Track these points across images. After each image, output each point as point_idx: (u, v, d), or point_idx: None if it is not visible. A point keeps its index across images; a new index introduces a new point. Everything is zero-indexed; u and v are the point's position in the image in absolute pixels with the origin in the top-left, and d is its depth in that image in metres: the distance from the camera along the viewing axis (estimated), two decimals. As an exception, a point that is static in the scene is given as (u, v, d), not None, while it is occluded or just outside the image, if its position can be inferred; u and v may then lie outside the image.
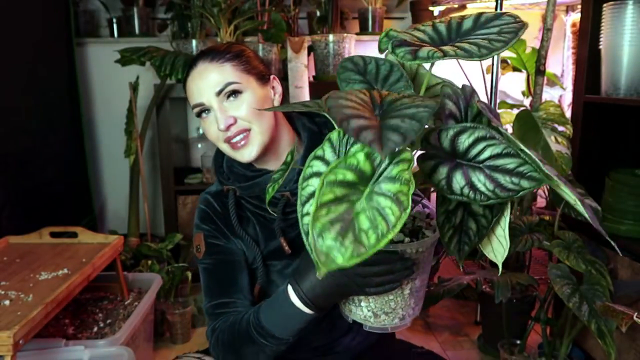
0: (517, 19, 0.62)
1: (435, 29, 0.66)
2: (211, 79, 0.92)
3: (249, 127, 0.93)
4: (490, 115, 0.62)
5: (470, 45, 0.59)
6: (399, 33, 0.64)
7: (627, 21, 1.52)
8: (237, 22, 2.30)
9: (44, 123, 2.22)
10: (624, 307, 1.23)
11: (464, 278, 1.67)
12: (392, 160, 0.55)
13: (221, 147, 0.96)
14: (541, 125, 1.54)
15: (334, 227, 0.51)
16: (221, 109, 0.92)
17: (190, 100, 0.95)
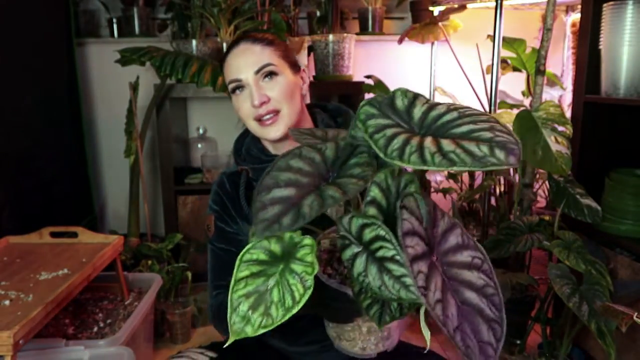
0: (508, 130, 0.58)
1: (409, 114, 0.63)
2: (252, 58, 1.00)
3: (279, 107, 1.00)
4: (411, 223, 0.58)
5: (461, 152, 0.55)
6: (374, 112, 0.62)
7: (627, 21, 1.52)
8: (237, 22, 2.30)
9: (44, 123, 2.22)
10: (624, 307, 1.23)
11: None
12: (297, 243, 0.62)
13: (250, 124, 1.03)
14: (541, 125, 1.54)
15: (247, 301, 0.60)
16: (257, 87, 0.99)
17: (228, 76, 1.03)
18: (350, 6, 2.78)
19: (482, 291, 0.57)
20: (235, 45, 1.03)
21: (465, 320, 0.55)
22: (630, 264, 1.54)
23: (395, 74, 2.83)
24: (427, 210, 0.60)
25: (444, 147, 0.55)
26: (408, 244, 0.55)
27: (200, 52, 2.23)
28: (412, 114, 0.62)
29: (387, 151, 0.56)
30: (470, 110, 0.61)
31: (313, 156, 0.67)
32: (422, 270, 0.55)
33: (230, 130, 2.78)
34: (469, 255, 0.58)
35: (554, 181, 1.64)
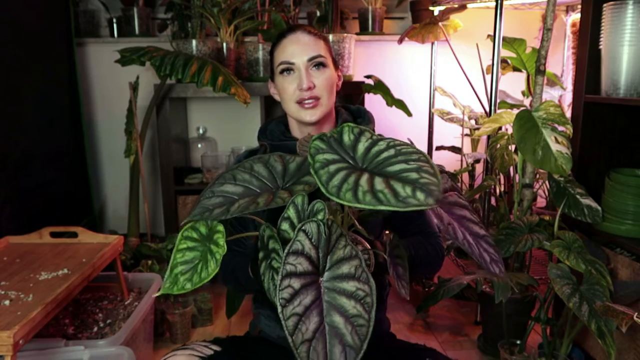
0: (433, 171, 0.66)
1: (354, 149, 0.72)
2: (306, 46, 1.11)
3: (320, 95, 1.11)
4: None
5: (396, 186, 0.64)
6: (323, 146, 0.71)
7: (627, 21, 1.52)
8: (237, 22, 2.30)
9: (44, 123, 2.22)
10: (624, 307, 1.23)
11: (464, 278, 1.67)
12: (214, 229, 0.75)
13: (289, 105, 1.13)
14: (541, 125, 1.54)
15: (181, 267, 0.75)
16: (307, 73, 1.11)
17: (280, 58, 1.13)
18: (350, 6, 2.78)
19: (352, 320, 0.63)
20: (292, 32, 1.13)
21: (321, 338, 0.62)
22: (630, 264, 1.53)
23: (395, 74, 2.83)
24: (325, 239, 0.67)
25: (376, 185, 0.63)
26: (289, 262, 0.65)
27: (200, 52, 2.23)
28: (356, 149, 0.71)
29: (328, 187, 0.64)
30: (405, 149, 0.70)
31: (276, 166, 0.80)
32: (293, 286, 0.64)
33: (230, 130, 2.79)
34: (354, 285, 0.65)
35: (554, 181, 1.64)
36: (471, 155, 2.49)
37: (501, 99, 2.25)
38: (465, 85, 2.50)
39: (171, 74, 1.94)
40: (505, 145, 1.82)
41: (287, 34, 1.14)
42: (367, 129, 0.75)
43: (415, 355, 1.10)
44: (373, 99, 2.51)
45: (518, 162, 1.76)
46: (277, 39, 1.16)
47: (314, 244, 0.67)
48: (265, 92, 2.38)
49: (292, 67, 1.12)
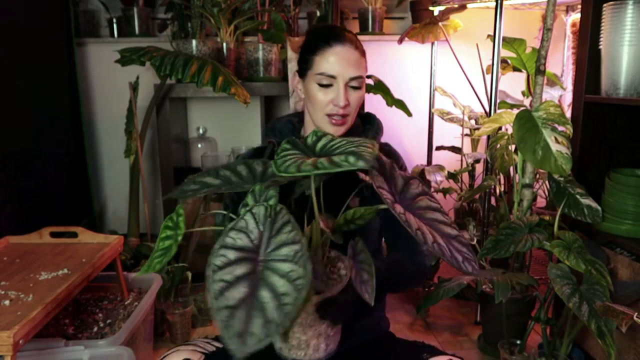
0: (371, 146, 0.77)
1: (314, 147, 0.83)
2: (352, 64, 1.08)
3: (349, 113, 1.10)
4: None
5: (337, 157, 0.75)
6: (289, 147, 0.81)
7: (627, 21, 1.52)
8: (237, 22, 2.30)
9: (44, 123, 2.22)
10: (624, 307, 1.23)
11: (464, 278, 1.67)
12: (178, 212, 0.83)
13: (317, 115, 1.11)
14: (541, 125, 1.54)
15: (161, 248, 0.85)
16: (345, 90, 1.08)
17: (321, 68, 1.08)
18: (350, 6, 2.78)
19: (280, 297, 0.64)
20: (339, 43, 1.08)
21: (245, 307, 0.64)
22: (630, 264, 1.53)
23: (395, 74, 2.83)
24: (270, 221, 0.72)
25: (318, 161, 0.73)
26: (229, 235, 0.70)
27: (200, 52, 2.23)
28: (316, 147, 0.83)
29: (279, 167, 0.74)
30: (357, 141, 0.79)
31: (257, 168, 0.88)
32: (227, 256, 0.68)
33: (230, 130, 2.79)
34: (289, 267, 0.67)
35: (554, 181, 1.64)
36: (471, 155, 2.49)
37: (501, 99, 2.25)
38: (465, 85, 2.50)
39: (171, 74, 1.94)
40: (505, 145, 1.83)
41: (334, 43, 1.08)
42: (329, 134, 0.83)
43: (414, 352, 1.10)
44: (373, 99, 2.51)
45: (518, 162, 1.76)
46: (320, 42, 1.09)
47: (259, 226, 0.71)
48: (265, 92, 2.38)
49: (332, 82, 1.08)
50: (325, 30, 1.13)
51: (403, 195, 0.83)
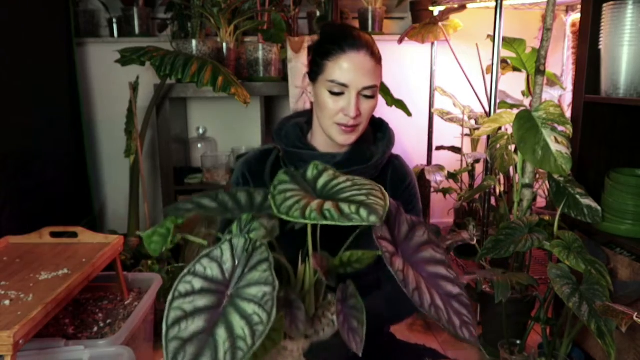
0: (382, 196, 0.72)
1: (315, 183, 0.78)
2: (366, 73, 1.03)
3: (361, 122, 1.06)
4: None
5: (344, 205, 0.70)
6: (287, 179, 0.76)
7: (627, 21, 1.52)
8: (237, 22, 2.30)
9: (44, 123, 2.22)
10: (624, 307, 1.23)
11: (464, 278, 1.67)
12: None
13: (326, 122, 1.06)
14: (541, 125, 1.54)
15: None
16: (357, 99, 1.03)
17: (332, 75, 1.02)
18: (350, 6, 2.78)
19: (235, 340, 0.61)
20: (355, 50, 1.02)
21: (196, 343, 0.61)
22: (630, 264, 1.53)
23: (395, 74, 2.83)
24: (246, 255, 0.68)
25: (325, 206, 0.68)
26: (201, 263, 0.67)
27: (200, 52, 2.23)
28: (317, 183, 0.77)
29: (280, 208, 0.68)
30: (361, 181, 0.75)
31: (257, 197, 0.82)
32: (192, 284, 0.65)
33: (230, 130, 2.79)
34: (253, 310, 0.63)
35: (554, 181, 1.64)
36: (471, 155, 2.49)
37: (501, 99, 2.25)
38: (465, 85, 2.50)
39: (171, 74, 1.94)
40: (505, 145, 1.83)
41: (348, 49, 1.02)
42: (330, 168, 0.78)
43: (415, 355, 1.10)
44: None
45: (518, 162, 1.76)
46: (333, 46, 1.03)
47: (234, 258, 0.67)
48: (265, 92, 2.38)
49: (344, 90, 1.03)
50: (340, 33, 1.06)
51: (407, 242, 0.76)
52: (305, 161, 1.05)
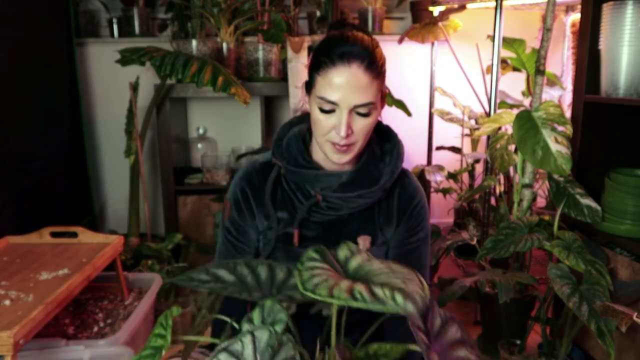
0: (426, 286, 0.65)
1: (347, 264, 0.71)
2: (358, 90, 0.91)
3: (356, 141, 0.96)
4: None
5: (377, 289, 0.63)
6: (316, 256, 0.69)
7: (626, 21, 1.52)
8: (237, 22, 2.30)
9: (44, 123, 2.22)
10: (624, 307, 1.23)
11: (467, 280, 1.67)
12: None
13: (319, 139, 0.98)
14: (541, 125, 1.54)
15: None
16: (349, 119, 0.93)
17: (321, 91, 0.93)
18: (350, 6, 2.78)
19: None
20: (346, 63, 0.91)
21: None
22: (630, 264, 1.54)
23: (395, 74, 2.83)
24: (270, 353, 0.63)
25: (355, 287, 0.62)
26: (218, 358, 0.62)
27: (200, 52, 2.23)
28: (348, 265, 0.71)
29: (306, 285, 0.62)
30: (397, 267, 0.68)
31: (278, 273, 0.76)
32: None
33: (230, 130, 2.79)
34: None
35: (554, 181, 1.64)
36: (471, 155, 2.49)
37: (501, 99, 2.25)
38: (465, 85, 2.50)
39: (171, 74, 1.94)
40: (505, 145, 1.83)
41: (339, 63, 0.91)
42: (365, 252, 0.72)
43: None
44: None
45: (518, 162, 1.76)
46: (324, 58, 0.92)
47: (256, 354, 0.61)
48: (265, 92, 2.38)
49: (335, 108, 0.93)
50: (335, 42, 0.94)
51: (439, 338, 0.69)
52: (309, 181, 1.00)
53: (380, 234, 1.04)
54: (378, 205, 1.04)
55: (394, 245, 1.05)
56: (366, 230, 1.03)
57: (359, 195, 0.98)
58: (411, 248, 1.06)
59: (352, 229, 1.03)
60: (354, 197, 0.98)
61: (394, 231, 1.05)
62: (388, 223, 1.04)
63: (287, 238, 1.03)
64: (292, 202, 1.04)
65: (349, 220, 1.03)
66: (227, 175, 2.46)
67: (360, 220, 1.03)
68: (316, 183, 1.00)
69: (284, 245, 1.04)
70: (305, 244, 1.01)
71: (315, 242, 0.99)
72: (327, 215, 1.02)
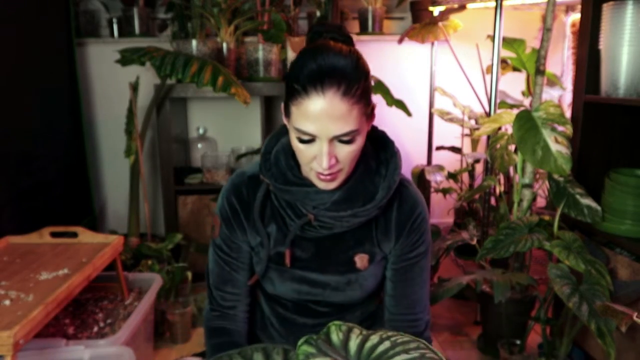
0: (438, 357, 0.61)
1: (346, 349, 0.66)
2: (338, 120, 0.82)
3: (342, 168, 0.89)
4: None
5: None
6: (313, 351, 0.64)
7: (626, 21, 1.52)
8: (237, 22, 2.30)
9: (44, 123, 2.22)
10: (624, 307, 1.23)
11: (464, 278, 1.67)
12: None
13: (304, 168, 0.91)
14: (541, 125, 1.54)
15: None
16: (330, 150, 0.85)
17: (298, 124, 0.84)
18: (350, 6, 2.78)
19: None
20: (320, 93, 0.81)
21: None
22: (630, 264, 1.54)
23: (395, 74, 2.83)
24: None
25: None
26: None
27: (200, 52, 2.23)
28: (348, 348, 0.65)
29: None
30: (401, 339, 0.64)
31: (275, 357, 0.72)
32: None
33: (230, 130, 2.79)
34: None
35: (554, 181, 1.64)
36: (471, 155, 2.49)
37: (501, 99, 2.25)
38: (465, 85, 2.50)
39: (171, 74, 1.94)
40: (505, 145, 1.83)
41: (312, 92, 0.81)
42: (355, 326, 0.67)
43: None
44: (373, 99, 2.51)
45: (518, 162, 1.76)
46: (297, 85, 0.83)
47: None
48: (265, 92, 2.38)
49: (314, 138, 0.85)
50: (306, 63, 0.83)
51: None
52: (300, 200, 0.93)
53: (378, 250, 0.99)
54: (375, 220, 0.98)
55: (393, 261, 1.00)
56: (363, 246, 0.98)
57: (353, 215, 0.92)
58: (411, 263, 1.00)
59: (348, 246, 0.98)
60: (348, 216, 0.92)
61: (393, 246, 0.99)
62: (386, 238, 0.99)
63: (280, 258, 0.99)
64: (283, 219, 0.99)
65: (344, 236, 0.98)
66: (227, 175, 2.46)
67: (356, 237, 0.98)
68: (307, 201, 0.93)
69: (276, 265, 1.00)
70: (298, 264, 0.98)
71: (309, 262, 0.98)
72: (320, 232, 0.97)
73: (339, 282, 0.98)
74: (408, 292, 1.01)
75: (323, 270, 0.98)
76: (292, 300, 1.03)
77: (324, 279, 0.98)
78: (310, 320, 1.04)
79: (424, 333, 1.01)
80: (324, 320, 0.94)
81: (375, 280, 1.01)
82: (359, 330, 0.67)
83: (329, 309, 1.03)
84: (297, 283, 0.99)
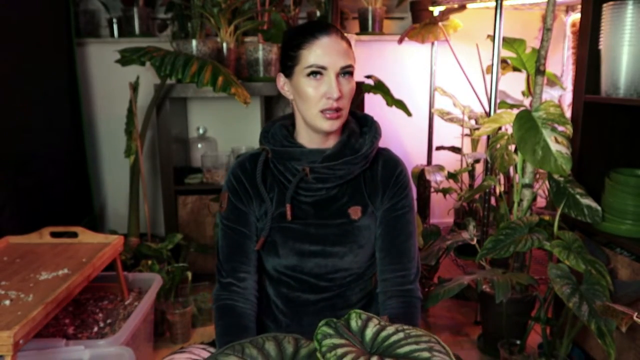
0: (446, 351, 0.66)
1: (363, 335, 0.71)
2: (341, 53, 1.04)
3: (343, 106, 1.06)
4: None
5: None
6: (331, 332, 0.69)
7: (627, 21, 1.52)
8: (237, 22, 2.30)
9: (44, 123, 2.22)
10: (624, 307, 1.23)
11: (464, 278, 1.67)
12: None
13: (311, 111, 1.06)
14: (541, 125, 1.54)
15: None
16: (337, 80, 1.04)
17: (310, 60, 1.03)
18: (350, 6, 2.78)
19: None
20: (325, 34, 1.04)
21: None
22: (630, 264, 1.54)
23: (395, 74, 2.83)
24: None
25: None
26: None
27: (200, 52, 2.23)
28: (364, 335, 0.70)
29: None
30: (414, 332, 0.69)
31: (287, 348, 0.74)
32: None
33: (230, 130, 2.79)
34: None
35: (554, 181, 1.64)
36: (471, 155, 2.49)
37: (501, 99, 2.25)
38: (465, 85, 2.50)
39: (171, 74, 1.94)
40: (505, 145, 1.83)
41: (319, 35, 1.04)
42: (374, 316, 0.73)
43: None
44: (373, 99, 2.51)
45: (518, 162, 1.76)
46: (304, 35, 1.05)
47: None
48: (265, 92, 2.38)
49: (323, 72, 1.04)
50: (306, 25, 1.11)
51: None
52: (296, 158, 1.09)
53: (369, 203, 1.12)
54: (363, 177, 1.13)
55: (382, 215, 1.13)
56: (355, 200, 1.12)
57: (345, 162, 1.07)
58: (397, 215, 1.13)
59: (342, 203, 1.11)
60: (340, 164, 1.07)
61: (380, 200, 1.13)
62: (375, 192, 1.13)
63: (282, 218, 1.10)
64: (282, 183, 1.12)
65: (337, 196, 1.12)
66: (227, 175, 2.46)
67: (348, 193, 1.12)
68: (303, 158, 1.09)
69: (279, 225, 1.10)
70: (299, 222, 1.10)
71: (308, 218, 1.10)
72: (317, 192, 1.11)
73: (336, 234, 1.10)
74: (396, 242, 1.13)
75: (321, 225, 1.10)
76: (295, 273, 1.11)
77: (323, 232, 1.10)
78: (312, 296, 1.12)
79: (413, 283, 1.12)
80: (326, 295, 1.11)
81: (368, 234, 1.12)
82: (377, 321, 0.72)
83: (329, 283, 1.12)
84: (300, 242, 1.09)
